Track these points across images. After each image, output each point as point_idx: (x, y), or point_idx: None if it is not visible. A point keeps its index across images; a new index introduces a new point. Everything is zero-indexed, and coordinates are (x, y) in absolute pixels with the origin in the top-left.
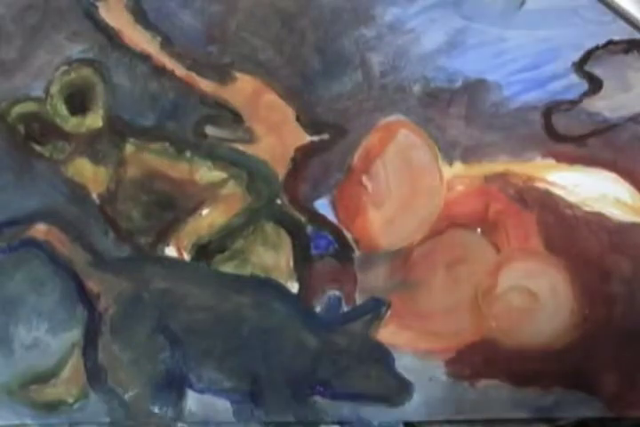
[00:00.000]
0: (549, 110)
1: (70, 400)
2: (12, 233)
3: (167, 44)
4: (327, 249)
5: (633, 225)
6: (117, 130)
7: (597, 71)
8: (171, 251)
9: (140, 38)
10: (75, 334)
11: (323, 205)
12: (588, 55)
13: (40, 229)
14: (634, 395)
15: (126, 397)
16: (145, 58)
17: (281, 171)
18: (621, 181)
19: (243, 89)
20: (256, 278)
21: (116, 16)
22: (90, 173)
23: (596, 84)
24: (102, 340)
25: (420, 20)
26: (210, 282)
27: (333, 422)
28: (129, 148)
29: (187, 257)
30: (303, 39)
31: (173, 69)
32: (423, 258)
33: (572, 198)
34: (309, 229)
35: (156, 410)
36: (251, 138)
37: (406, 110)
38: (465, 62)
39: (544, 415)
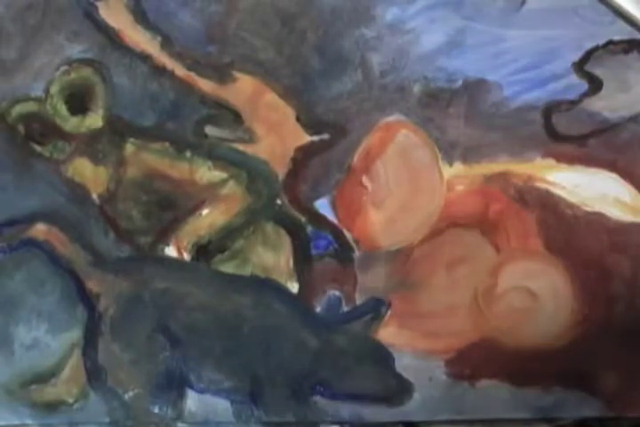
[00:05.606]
0: (549, 110)
1: (70, 400)
2: (12, 233)
3: (167, 44)
4: (327, 249)
5: (633, 225)
6: (117, 130)
7: (597, 71)
8: (171, 251)
9: (140, 38)
10: (75, 334)
11: (323, 205)
12: (588, 55)
13: (40, 229)
14: (634, 395)
15: (126, 397)
16: (145, 58)
17: (281, 171)
18: (621, 181)
19: (243, 89)
20: (256, 278)
21: (115, 16)
22: (90, 173)
23: (596, 84)
24: (102, 340)
25: (420, 20)
26: (210, 282)
27: (333, 422)
28: (129, 148)
29: (187, 257)
30: (303, 39)
31: (173, 69)
32: (423, 258)
33: (572, 198)
34: (309, 229)
35: (156, 410)
36: (251, 138)
37: (406, 110)
38: (465, 62)
39: (544, 415)
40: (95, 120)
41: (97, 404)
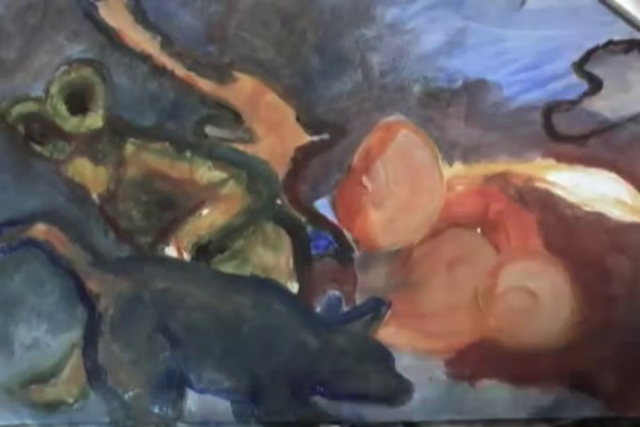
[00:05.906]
0: (549, 110)
1: (70, 400)
2: (12, 233)
3: (167, 44)
4: (327, 249)
5: (633, 225)
6: (117, 130)
7: (597, 71)
8: (171, 251)
9: (139, 38)
10: (74, 335)
11: (323, 205)
12: (588, 55)
13: (40, 229)
14: (634, 395)
15: (126, 397)
16: (145, 58)
17: (281, 171)
18: (621, 181)
19: (243, 89)
20: (256, 278)
21: (116, 16)
22: (90, 173)
23: (595, 84)
24: (102, 340)
25: (420, 20)
26: (210, 282)
27: (333, 422)
28: (129, 148)
29: (187, 257)
30: (303, 39)
31: (173, 69)
32: (423, 258)
33: (572, 198)
34: (309, 229)
35: (156, 410)
36: (251, 138)
37: (406, 110)
38: (465, 62)
39: (544, 415)
40: (95, 120)
41: (97, 404)
